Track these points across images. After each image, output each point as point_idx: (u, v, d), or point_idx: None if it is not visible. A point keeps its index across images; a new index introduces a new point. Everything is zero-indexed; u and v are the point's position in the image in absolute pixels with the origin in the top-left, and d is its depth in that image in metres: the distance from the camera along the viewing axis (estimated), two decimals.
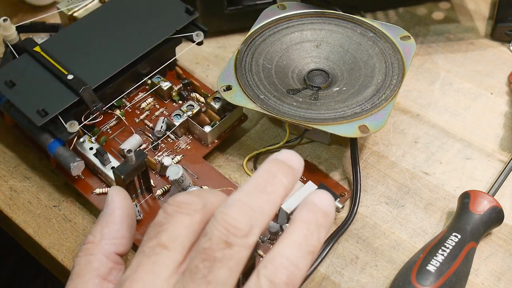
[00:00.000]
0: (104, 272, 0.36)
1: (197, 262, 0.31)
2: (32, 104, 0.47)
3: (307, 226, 0.33)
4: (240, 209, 0.32)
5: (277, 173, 0.34)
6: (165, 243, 0.33)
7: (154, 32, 0.53)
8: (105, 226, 0.37)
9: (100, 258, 0.36)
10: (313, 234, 0.33)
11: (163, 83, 0.54)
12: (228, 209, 0.32)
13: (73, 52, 0.51)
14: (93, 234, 0.37)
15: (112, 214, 0.38)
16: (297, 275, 0.31)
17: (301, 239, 0.32)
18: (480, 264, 0.47)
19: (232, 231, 0.31)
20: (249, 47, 0.53)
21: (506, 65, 0.61)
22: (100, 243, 0.37)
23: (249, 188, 0.33)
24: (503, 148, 0.54)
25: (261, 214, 0.32)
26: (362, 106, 0.49)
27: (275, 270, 0.31)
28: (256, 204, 0.32)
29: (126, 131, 0.53)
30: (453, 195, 0.51)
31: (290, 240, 0.32)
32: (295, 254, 0.32)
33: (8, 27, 0.52)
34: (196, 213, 0.33)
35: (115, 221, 0.38)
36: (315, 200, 0.34)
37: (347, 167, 0.53)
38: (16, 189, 0.52)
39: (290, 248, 0.32)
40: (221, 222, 0.31)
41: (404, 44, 0.53)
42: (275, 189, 0.33)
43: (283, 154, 0.34)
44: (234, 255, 0.31)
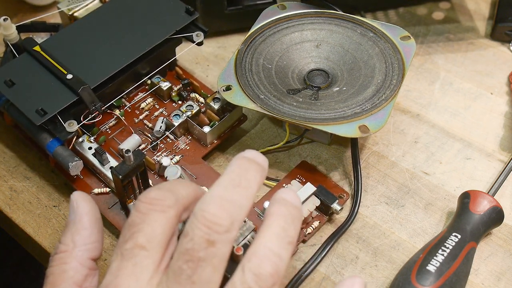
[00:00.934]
0: (80, 280, 0.35)
1: (180, 263, 0.31)
2: (31, 104, 0.47)
3: (284, 218, 0.33)
4: (220, 205, 0.32)
5: (249, 168, 0.34)
6: (143, 244, 0.32)
7: (154, 32, 0.53)
8: (76, 233, 0.37)
9: (74, 266, 0.36)
10: (290, 225, 0.33)
11: (162, 83, 0.54)
12: (208, 205, 0.32)
13: (73, 52, 0.51)
14: (64, 243, 0.37)
15: (80, 220, 0.37)
16: (281, 266, 0.32)
17: (280, 230, 0.33)
18: (480, 264, 0.47)
19: (213, 228, 0.31)
20: (249, 47, 0.53)
21: (506, 65, 0.61)
22: (74, 251, 0.36)
23: (225, 183, 0.33)
24: (503, 148, 0.54)
25: (239, 208, 0.32)
26: (362, 106, 0.49)
27: (259, 262, 0.31)
28: (234, 198, 0.32)
29: (125, 131, 0.53)
30: (453, 195, 0.51)
31: (270, 233, 0.33)
32: (277, 245, 0.32)
33: (8, 27, 0.52)
34: (169, 209, 0.33)
35: (85, 227, 0.37)
36: (284, 196, 0.34)
37: (347, 167, 0.53)
38: (16, 189, 0.52)
39: (271, 240, 0.32)
40: (201, 220, 0.31)
41: (404, 44, 0.53)
42: (249, 183, 0.33)
43: (250, 153, 0.35)
44: (217, 252, 0.31)
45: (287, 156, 0.54)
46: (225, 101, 0.52)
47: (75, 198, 0.38)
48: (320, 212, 0.49)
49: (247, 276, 0.31)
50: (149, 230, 0.33)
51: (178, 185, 0.35)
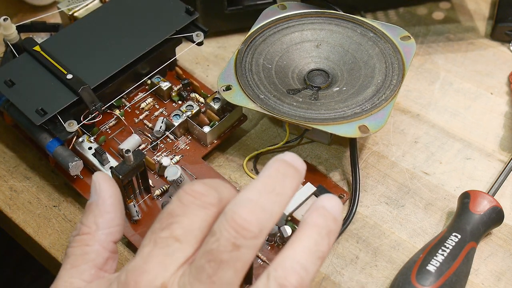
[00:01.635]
0: (101, 263, 0.35)
1: (203, 262, 0.31)
2: (31, 104, 0.47)
3: (318, 231, 0.32)
4: (251, 210, 0.31)
5: (286, 174, 0.33)
6: (179, 236, 0.32)
7: (154, 32, 0.53)
8: (99, 215, 0.36)
9: (97, 249, 0.35)
10: (324, 239, 0.32)
11: (162, 83, 0.54)
12: (239, 208, 0.31)
13: (73, 52, 0.51)
14: (86, 224, 0.36)
15: (104, 203, 0.36)
16: (306, 280, 0.31)
17: (312, 244, 0.32)
18: (480, 264, 0.47)
19: (241, 232, 0.31)
20: (249, 47, 0.53)
21: (506, 65, 0.61)
22: (96, 234, 0.36)
23: (260, 187, 0.32)
24: (503, 148, 0.54)
25: (270, 216, 0.32)
26: (362, 106, 0.49)
27: (285, 274, 0.31)
28: (267, 205, 0.32)
29: (125, 131, 0.53)
30: (453, 195, 0.51)
31: (302, 245, 0.32)
32: (306, 259, 0.32)
33: (8, 27, 0.52)
34: (211, 207, 0.33)
35: (109, 210, 0.36)
36: (326, 205, 0.33)
37: (347, 167, 0.53)
38: (16, 189, 0.52)
39: (301, 252, 0.32)
40: (230, 223, 0.31)
41: (404, 44, 0.53)
42: (284, 190, 0.33)
43: (289, 156, 0.34)
44: (241, 257, 0.31)
45: None
46: (225, 101, 0.52)
47: (97, 180, 0.37)
48: None
49: (271, 284, 0.31)
50: (188, 223, 0.32)
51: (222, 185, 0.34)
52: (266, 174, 0.33)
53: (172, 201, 0.33)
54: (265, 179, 0.33)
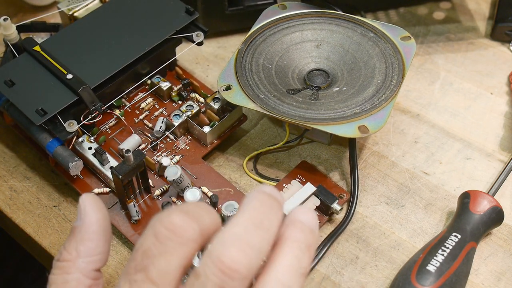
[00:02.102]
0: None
1: None
2: (31, 103, 0.47)
3: (298, 246, 0.31)
4: (239, 248, 0.29)
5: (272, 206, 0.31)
6: (155, 279, 0.30)
7: (154, 32, 0.53)
8: (81, 243, 0.34)
9: (77, 277, 0.34)
10: (305, 254, 0.31)
11: (162, 83, 0.54)
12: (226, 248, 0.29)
13: (73, 52, 0.51)
14: (67, 250, 0.34)
15: (87, 230, 0.34)
16: None
17: (294, 261, 0.30)
18: (480, 264, 0.47)
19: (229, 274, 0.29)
20: (249, 47, 0.53)
21: (506, 65, 0.61)
22: (77, 261, 0.34)
23: (247, 222, 0.30)
24: (503, 148, 0.54)
25: (259, 253, 0.30)
26: (362, 107, 0.49)
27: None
28: (255, 242, 0.29)
29: (126, 131, 0.53)
30: (453, 195, 0.51)
31: (283, 264, 0.30)
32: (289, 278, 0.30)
33: (8, 27, 0.52)
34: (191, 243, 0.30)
35: (92, 238, 0.34)
36: (301, 218, 0.31)
37: (347, 167, 0.53)
38: (16, 189, 0.52)
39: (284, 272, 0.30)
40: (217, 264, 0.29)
41: (404, 45, 0.53)
42: (271, 224, 0.31)
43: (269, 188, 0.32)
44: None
45: (287, 156, 0.54)
46: (225, 101, 0.52)
47: (83, 203, 0.35)
48: (320, 212, 0.49)
49: None
50: (164, 265, 0.30)
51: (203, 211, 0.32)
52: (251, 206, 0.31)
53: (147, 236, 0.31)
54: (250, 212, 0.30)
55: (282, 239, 0.31)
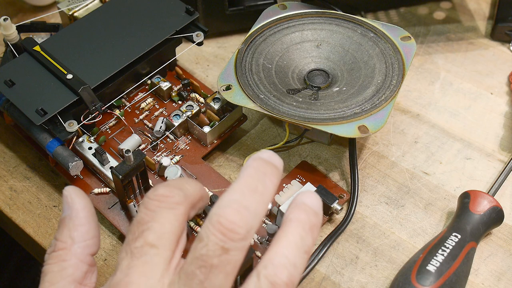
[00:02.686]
0: (79, 277, 0.35)
1: (193, 267, 0.31)
2: (31, 104, 0.47)
3: (302, 226, 0.33)
4: (237, 211, 0.31)
5: (266, 172, 0.33)
6: (153, 242, 0.32)
7: (154, 32, 0.53)
8: (73, 229, 0.35)
9: (74, 263, 0.35)
10: (308, 234, 0.33)
11: (162, 83, 0.54)
12: (224, 211, 0.31)
13: (73, 52, 0.51)
14: (61, 240, 0.35)
15: (77, 216, 0.36)
16: (296, 275, 0.32)
17: (297, 239, 0.32)
18: (480, 264, 0.47)
19: (229, 235, 0.31)
20: (249, 47, 0.53)
21: (506, 65, 0.61)
22: (72, 248, 0.35)
23: (242, 188, 0.32)
24: (503, 148, 0.54)
25: (255, 215, 0.32)
26: (362, 107, 0.49)
27: (275, 271, 0.31)
28: (251, 205, 0.32)
29: (126, 131, 0.53)
30: (453, 195, 0.51)
31: (288, 240, 0.32)
32: (294, 254, 0.32)
33: (8, 27, 0.52)
34: (178, 206, 0.33)
35: (83, 223, 0.36)
36: (306, 201, 0.33)
37: (347, 167, 0.53)
38: (16, 189, 0.52)
39: (288, 248, 0.32)
40: (217, 227, 0.31)
41: (404, 45, 0.53)
42: (266, 189, 0.33)
43: (267, 154, 0.34)
44: (231, 260, 0.31)
45: (287, 156, 0.54)
46: (225, 101, 0.52)
47: (69, 194, 0.37)
48: None
49: (262, 283, 0.31)
50: (159, 227, 0.32)
51: (185, 182, 0.35)
52: (246, 174, 0.33)
53: (139, 210, 0.33)
54: (246, 179, 0.32)
55: (287, 220, 0.33)
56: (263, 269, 0.31)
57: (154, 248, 0.32)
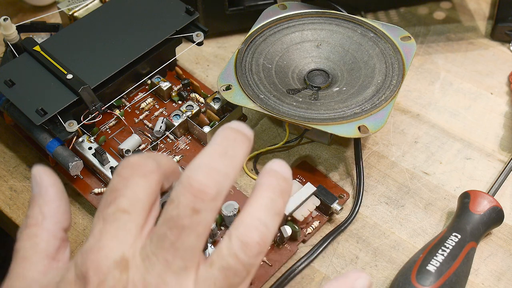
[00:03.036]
0: (52, 252, 0.35)
1: (164, 229, 0.31)
2: (31, 103, 0.47)
3: (273, 190, 0.33)
4: (207, 173, 0.32)
5: (235, 139, 0.33)
6: (125, 208, 0.32)
7: (154, 32, 0.53)
8: (44, 205, 0.35)
9: (46, 239, 0.35)
10: (278, 197, 0.33)
11: (162, 83, 0.54)
12: (195, 173, 0.32)
13: (73, 52, 0.51)
14: (32, 217, 0.35)
15: (46, 192, 0.36)
16: (267, 235, 0.32)
17: (268, 201, 0.33)
18: (480, 264, 0.47)
19: (199, 196, 0.31)
20: (249, 47, 0.53)
21: (506, 65, 0.61)
22: (44, 224, 0.35)
23: (212, 152, 0.33)
24: (503, 148, 0.54)
25: (226, 178, 0.32)
26: (362, 107, 0.49)
27: (246, 231, 0.32)
28: (221, 167, 0.32)
29: (126, 131, 0.53)
30: (453, 195, 0.51)
31: (259, 203, 0.33)
32: (264, 215, 0.32)
33: (8, 27, 0.52)
34: (151, 174, 0.33)
35: (53, 199, 0.36)
36: (275, 167, 0.34)
37: (347, 167, 0.53)
38: (16, 189, 0.52)
39: (259, 210, 0.32)
40: (187, 188, 0.31)
41: (404, 45, 0.53)
42: (235, 153, 0.33)
43: (236, 124, 0.34)
44: (202, 221, 0.31)
45: (287, 156, 0.54)
46: (225, 101, 0.52)
47: (37, 172, 0.36)
48: (320, 212, 0.49)
49: (234, 243, 0.31)
50: (131, 194, 0.33)
51: (157, 155, 0.35)
52: (215, 141, 0.33)
53: (112, 178, 0.34)
54: (215, 145, 0.33)
55: (258, 185, 0.33)
56: (234, 230, 0.32)
57: (126, 213, 0.32)
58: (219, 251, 0.32)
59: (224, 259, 0.31)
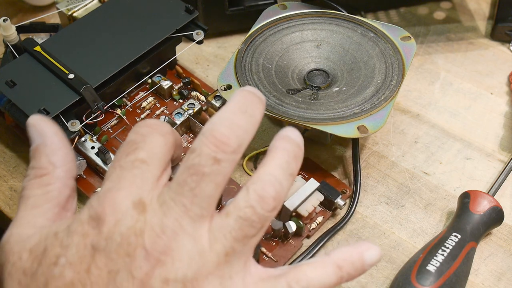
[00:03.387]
0: (63, 201, 0.35)
1: (185, 176, 0.32)
2: (33, 104, 0.47)
3: (287, 153, 0.34)
4: (229, 127, 0.33)
5: (253, 100, 0.35)
6: (144, 158, 0.33)
7: (154, 31, 0.53)
8: (52, 155, 0.35)
9: (58, 187, 0.35)
10: (292, 160, 0.34)
11: (163, 82, 0.55)
12: (218, 126, 0.33)
13: (74, 52, 0.51)
14: (41, 167, 0.35)
15: (52, 141, 0.35)
16: (282, 192, 0.33)
17: (283, 162, 0.34)
18: (480, 264, 0.47)
19: (221, 147, 0.32)
20: (249, 47, 0.53)
21: (506, 65, 0.61)
22: (55, 172, 0.35)
23: (233, 109, 0.34)
24: (503, 148, 0.54)
25: (246, 132, 0.33)
26: (362, 107, 0.49)
27: (263, 185, 0.33)
28: (242, 123, 0.33)
29: (127, 130, 0.53)
30: (453, 195, 0.51)
31: (275, 163, 0.34)
32: (280, 174, 0.33)
33: (8, 27, 0.52)
34: (168, 135, 0.35)
35: (60, 147, 0.35)
36: (289, 134, 0.35)
37: (347, 167, 0.53)
38: (16, 189, 0.52)
39: (276, 169, 0.33)
40: (210, 139, 0.32)
41: (404, 45, 0.53)
42: (254, 112, 0.34)
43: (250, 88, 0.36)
44: (222, 171, 0.32)
45: None
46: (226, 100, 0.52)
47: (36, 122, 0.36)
48: (323, 207, 0.49)
49: (251, 196, 0.32)
50: (150, 147, 0.34)
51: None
52: (235, 99, 0.34)
53: (130, 134, 0.35)
54: (235, 103, 0.34)
55: (273, 147, 0.35)
56: (252, 184, 0.33)
57: (145, 164, 0.33)
58: (236, 203, 0.33)
59: (241, 210, 0.32)
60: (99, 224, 0.31)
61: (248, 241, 0.33)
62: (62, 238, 0.32)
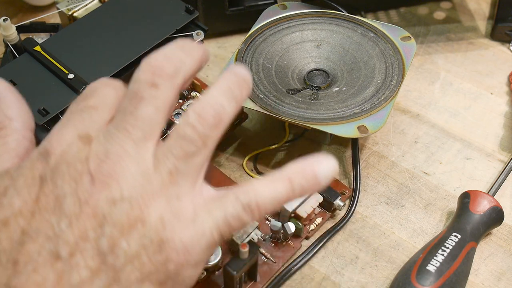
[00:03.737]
0: (21, 152, 0.36)
1: (125, 103, 0.33)
2: (33, 104, 0.47)
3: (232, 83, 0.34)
4: (164, 56, 0.34)
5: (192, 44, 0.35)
6: (94, 105, 0.34)
7: (154, 32, 0.53)
8: (7, 109, 0.36)
9: (16, 138, 0.36)
10: (237, 88, 0.34)
11: None
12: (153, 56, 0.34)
13: (74, 52, 0.51)
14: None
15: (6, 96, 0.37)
16: (223, 114, 0.34)
17: (226, 88, 0.34)
18: (480, 264, 0.47)
19: (157, 73, 0.33)
20: (249, 47, 0.53)
21: (506, 65, 0.61)
22: (12, 125, 0.36)
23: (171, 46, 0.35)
24: (503, 148, 0.54)
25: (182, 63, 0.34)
26: (362, 107, 0.49)
27: (203, 106, 0.33)
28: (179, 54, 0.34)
29: None
30: (453, 195, 0.51)
31: (217, 87, 0.34)
32: (221, 96, 0.34)
33: (8, 27, 0.52)
34: (119, 89, 0.35)
35: (14, 101, 0.37)
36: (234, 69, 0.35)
37: (347, 167, 0.53)
38: None
39: (217, 91, 0.34)
40: (146, 67, 0.33)
41: (404, 45, 0.53)
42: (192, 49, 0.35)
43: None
44: (160, 95, 0.33)
45: (287, 156, 0.54)
46: None
47: None
48: (322, 208, 0.49)
49: (190, 115, 0.33)
50: (101, 96, 0.34)
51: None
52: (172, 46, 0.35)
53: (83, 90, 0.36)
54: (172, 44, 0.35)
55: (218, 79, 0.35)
56: (191, 106, 0.34)
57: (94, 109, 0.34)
58: (177, 125, 0.33)
59: (181, 129, 0.33)
60: (46, 157, 0.33)
61: (190, 160, 0.33)
62: (13, 173, 0.33)
